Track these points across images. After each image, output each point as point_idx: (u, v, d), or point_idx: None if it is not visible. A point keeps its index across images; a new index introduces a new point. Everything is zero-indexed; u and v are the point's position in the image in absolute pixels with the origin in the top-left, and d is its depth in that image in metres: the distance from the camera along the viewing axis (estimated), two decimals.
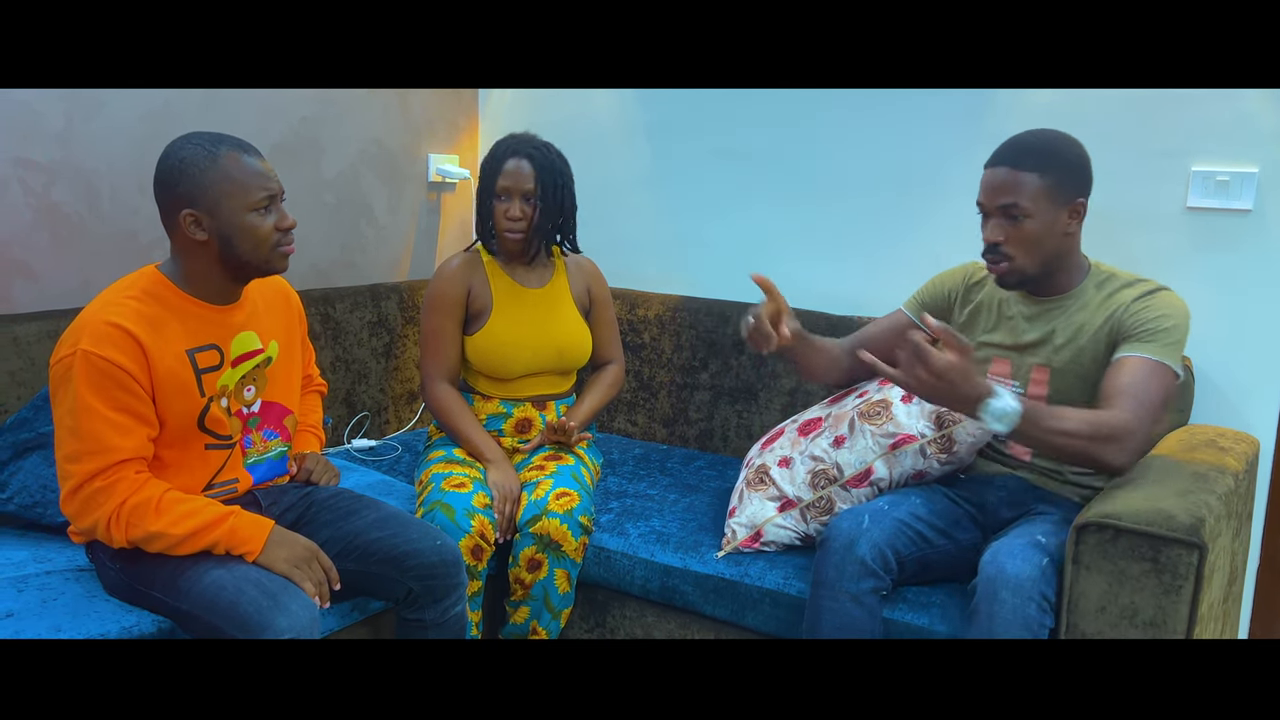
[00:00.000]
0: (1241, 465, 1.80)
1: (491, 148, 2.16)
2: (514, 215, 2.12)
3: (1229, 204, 2.09)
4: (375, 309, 2.63)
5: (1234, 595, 1.91)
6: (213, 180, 1.55)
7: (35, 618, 1.53)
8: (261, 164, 1.60)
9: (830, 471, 1.90)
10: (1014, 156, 1.74)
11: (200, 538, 1.52)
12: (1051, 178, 1.72)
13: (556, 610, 2.04)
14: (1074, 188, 1.75)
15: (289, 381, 1.79)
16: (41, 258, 2.07)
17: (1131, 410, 1.63)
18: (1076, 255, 1.82)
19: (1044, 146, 1.74)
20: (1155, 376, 1.68)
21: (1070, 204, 1.74)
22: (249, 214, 1.57)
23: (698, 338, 2.59)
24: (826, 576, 1.71)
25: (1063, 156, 1.74)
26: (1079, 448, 1.61)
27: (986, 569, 1.59)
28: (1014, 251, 1.75)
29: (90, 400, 1.48)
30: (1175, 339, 1.71)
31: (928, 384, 1.52)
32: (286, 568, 1.53)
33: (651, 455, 2.52)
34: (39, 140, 2.03)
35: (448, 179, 2.93)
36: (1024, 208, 1.72)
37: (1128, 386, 1.66)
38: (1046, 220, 1.73)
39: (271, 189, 1.60)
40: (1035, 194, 1.72)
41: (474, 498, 1.97)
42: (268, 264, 1.63)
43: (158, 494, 1.52)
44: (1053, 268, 1.79)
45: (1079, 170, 1.75)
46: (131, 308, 1.54)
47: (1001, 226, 1.75)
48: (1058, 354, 1.80)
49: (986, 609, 1.56)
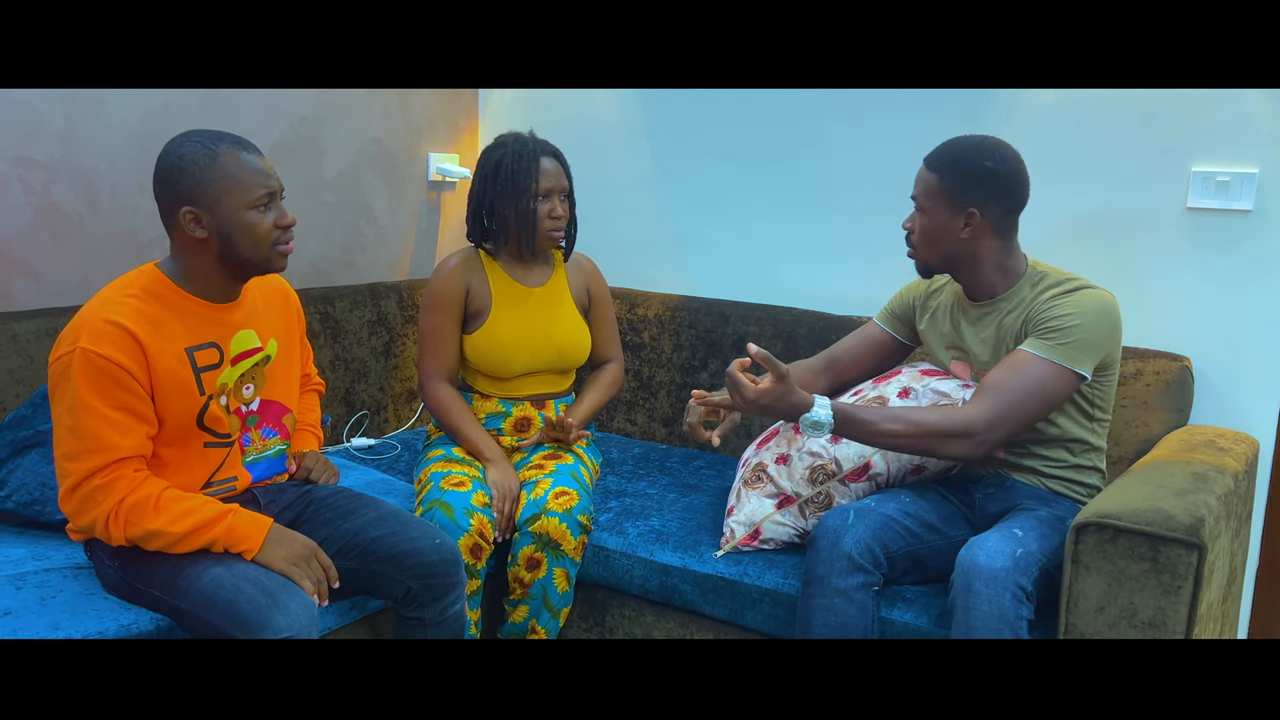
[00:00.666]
0: (1241, 466, 1.80)
1: (505, 148, 2.12)
2: (558, 214, 2.13)
3: (1229, 204, 2.09)
4: (375, 308, 2.63)
5: (1233, 595, 1.91)
6: (212, 178, 1.55)
7: (34, 615, 1.53)
8: (261, 161, 1.60)
9: (829, 466, 1.91)
10: (932, 155, 1.83)
11: (199, 536, 1.52)
12: (947, 182, 1.78)
13: (555, 609, 2.03)
14: (969, 197, 1.77)
15: (288, 380, 1.79)
16: (41, 256, 2.07)
17: (989, 407, 1.70)
18: (999, 260, 1.83)
19: (956, 152, 1.80)
20: (1037, 375, 1.71)
21: (963, 210, 1.78)
22: (248, 211, 1.57)
23: (697, 337, 2.59)
24: (815, 574, 1.72)
25: (967, 165, 1.77)
26: (912, 445, 1.73)
27: (961, 563, 1.62)
28: (916, 242, 1.85)
29: (89, 398, 1.48)
30: (1075, 338, 1.72)
31: (749, 406, 1.70)
32: (285, 566, 1.53)
33: (651, 455, 2.52)
34: (39, 139, 2.03)
35: (448, 178, 2.93)
36: (920, 203, 1.83)
37: (1000, 382, 1.73)
38: (938, 220, 1.80)
39: (271, 186, 1.60)
40: (930, 192, 1.80)
41: (473, 496, 1.97)
42: (267, 262, 1.63)
43: (156, 492, 1.52)
44: (964, 267, 1.84)
45: (980, 182, 1.77)
46: (131, 306, 1.54)
47: (912, 217, 1.86)
48: (993, 356, 1.84)
49: (962, 602, 1.58)
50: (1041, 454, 1.85)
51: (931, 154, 1.83)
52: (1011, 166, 1.78)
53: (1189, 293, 2.15)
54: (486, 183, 2.14)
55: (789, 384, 1.68)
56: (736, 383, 1.71)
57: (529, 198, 2.10)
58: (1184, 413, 2.08)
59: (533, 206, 2.11)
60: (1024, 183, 1.80)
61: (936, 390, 1.87)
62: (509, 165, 2.11)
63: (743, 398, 1.70)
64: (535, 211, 2.11)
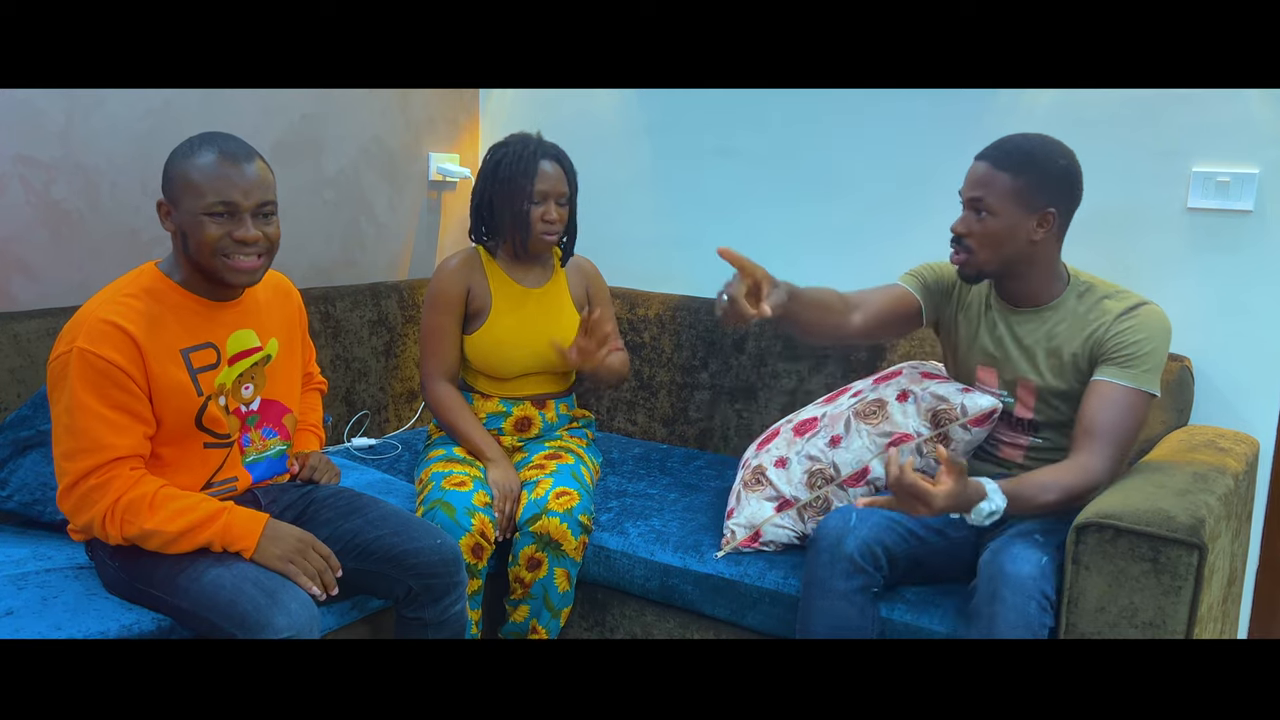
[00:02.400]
0: (1241, 466, 1.81)
1: (508, 148, 2.13)
2: (551, 219, 2.12)
3: (1229, 205, 2.09)
4: (375, 307, 2.63)
5: (1233, 596, 1.91)
6: (179, 175, 1.55)
7: (35, 616, 1.53)
8: (235, 172, 1.54)
9: (827, 471, 1.90)
10: (996, 154, 1.75)
11: (194, 535, 1.52)
12: (1024, 181, 1.72)
13: (556, 609, 2.04)
14: (1046, 197, 1.73)
15: (289, 380, 1.79)
16: (42, 255, 2.07)
17: (1105, 455, 1.68)
18: (1052, 266, 1.80)
19: (1027, 150, 1.74)
20: (1133, 408, 1.71)
21: (1040, 212, 1.73)
22: (201, 216, 1.54)
23: (698, 337, 2.59)
24: (817, 575, 1.72)
25: (1042, 164, 1.73)
26: (1062, 509, 1.67)
27: (986, 568, 1.59)
28: (975, 245, 1.76)
29: (86, 398, 1.48)
30: (1155, 363, 1.72)
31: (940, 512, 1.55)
32: (280, 564, 1.53)
33: (651, 454, 2.52)
34: (40, 137, 2.03)
35: (448, 178, 2.93)
36: (990, 205, 1.73)
37: (1104, 424, 1.69)
38: (1011, 222, 1.73)
39: (229, 197, 1.54)
40: (1004, 194, 1.72)
41: (474, 496, 1.97)
42: (215, 272, 1.57)
43: (152, 490, 1.52)
44: (1017, 273, 1.78)
45: (1057, 181, 1.74)
46: (129, 306, 1.54)
47: (968, 219, 1.77)
48: (1042, 370, 1.80)
49: (988, 609, 1.56)
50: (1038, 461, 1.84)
51: (996, 153, 1.75)
52: (1078, 166, 1.76)
53: (1189, 293, 2.15)
54: (487, 181, 2.15)
55: (965, 478, 1.55)
56: (924, 494, 1.52)
57: (524, 199, 2.10)
58: (1184, 413, 2.08)
59: (526, 208, 2.11)
60: (1082, 183, 1.78)
61: (935, 394, 1.86)
62: (508, 165, 2.11)
63: (929, 509, 1.53)
64: (528, 214, 2.11)
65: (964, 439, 1.84)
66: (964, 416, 1.82)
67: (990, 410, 1.81)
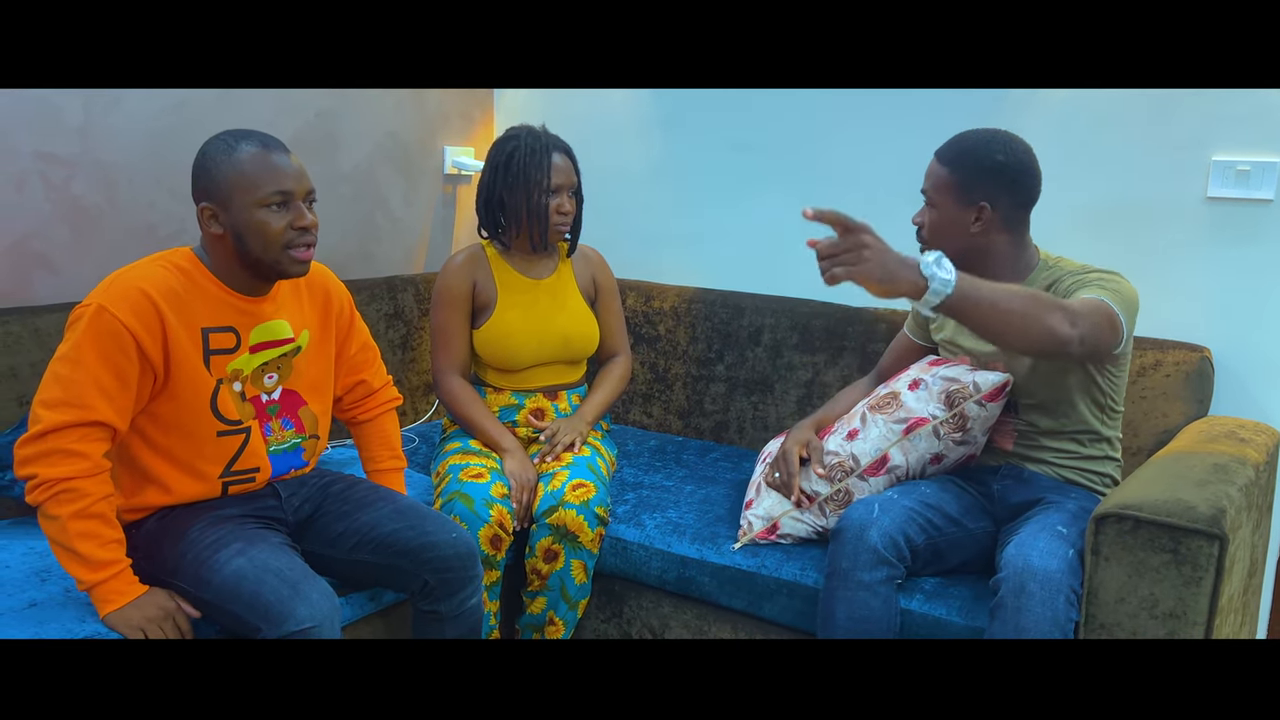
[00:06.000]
0: (1262, 456, 1.79)
1: (517, 142, 2.13)
2: (566, 210, 2.14)
3: (1250, 194, 2.07)
4: (391, 301, 2.63)
5: (1254, 587, 1.90)
6: (225, 174, 1.56)
7: (59, 607, 1.54)
8: (284, 161, 1.59)
9: (847, 463, 1.90)
10: (942, 148, 1.82)
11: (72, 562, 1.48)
12: (958, 176, 1.77)
13: (573, 601, 2.04)
14: (979, 191, 1.76)
15: (317, 373, 1.78)
16: (61, 250, 2.08)
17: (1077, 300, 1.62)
18: (1008, 257, 1.81)
19: (966, 145, 1.78)
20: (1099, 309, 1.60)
21: (975, 205, 1.76)
22: (258, 210, 1.56)
23: (713, 329, 2.59)
24: (840, 566, 1.71)
25: (977, 158, 1.76)
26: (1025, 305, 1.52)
27: (1012, 562, 1.58)
28: (928, 236, 1.83)
29: (88, 355, 1.49)
30: (1115, 287, 1.67)
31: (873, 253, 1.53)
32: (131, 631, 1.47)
33: (667, 447, 2.52)
34: (59, 134, 2.04)
35: (463, 171, 2.93)
36: (930, 197, 1.81)
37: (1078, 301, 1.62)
38: (949, 214, 1.79)
39: (284, 186, 1.57)
40: (941, 187, 1.79)
41: (492, 487, 1.97)
42: (278, 265, 1.60)
43: (96, 495, 1.48)
44: (972, 262, 1.75)
45: (991, 175, 1.75)
46: (162, 277, 1.56)
47: (922, 211, 1.85)
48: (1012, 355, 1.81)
49: (1014, 603, 1.54)
50: (1052, 446, 1.85)
51: (942, 147, 1.82)
52: (1022, 160, 1.77)
53: (1209, 283, 2.13)
54: (498, 174, 2.15)
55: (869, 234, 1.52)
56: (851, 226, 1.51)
57: (541, 192, 2.11)
58: (1204, 403, 2.06)
59: (544, 201, 2.12)
60: (1035, 176, 1.79)
61: (945, 377, 1.86)
62: (521, 159, 2.11)
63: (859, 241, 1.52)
64: (546, 206, 2.12)
65: (980, 415, 1.83)
66: (978, 393, 1.81)
67: (1003, 384, 1.81)
